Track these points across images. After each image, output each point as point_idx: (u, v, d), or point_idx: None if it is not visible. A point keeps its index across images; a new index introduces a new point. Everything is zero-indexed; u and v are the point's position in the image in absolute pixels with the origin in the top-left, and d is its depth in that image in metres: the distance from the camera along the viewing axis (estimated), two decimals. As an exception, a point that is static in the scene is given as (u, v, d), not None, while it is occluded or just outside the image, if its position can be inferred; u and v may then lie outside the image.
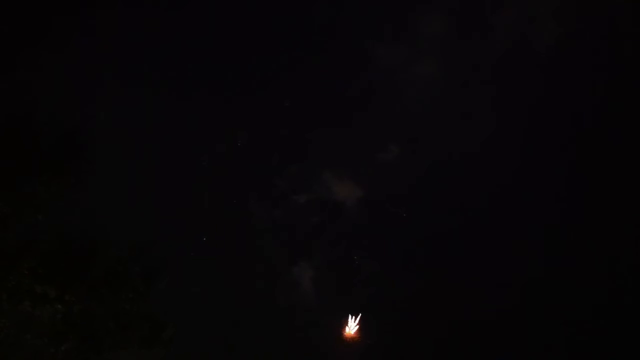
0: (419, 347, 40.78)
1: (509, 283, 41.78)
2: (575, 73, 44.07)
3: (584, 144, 44.25)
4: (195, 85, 41.32)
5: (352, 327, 43.91)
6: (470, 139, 43.88)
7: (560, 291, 41.76)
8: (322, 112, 44.56)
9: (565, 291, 41.62)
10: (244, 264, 41.32)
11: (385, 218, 46.43)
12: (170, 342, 17.72)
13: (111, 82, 32.49)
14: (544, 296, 42.05)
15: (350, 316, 44.27)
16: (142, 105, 36.38)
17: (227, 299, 38.42)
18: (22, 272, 15.32)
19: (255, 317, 39.18)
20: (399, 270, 44.15)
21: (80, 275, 15.99)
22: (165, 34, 39.11)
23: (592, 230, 42.09)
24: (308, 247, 45.14)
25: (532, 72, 45.43)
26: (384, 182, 46.24)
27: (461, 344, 40.85)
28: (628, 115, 43.14)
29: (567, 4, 43.01)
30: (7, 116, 18.64)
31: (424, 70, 45.13)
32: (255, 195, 44.01)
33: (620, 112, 43.43)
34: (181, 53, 40.76)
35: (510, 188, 44.05)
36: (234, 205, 43.13)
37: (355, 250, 45.85)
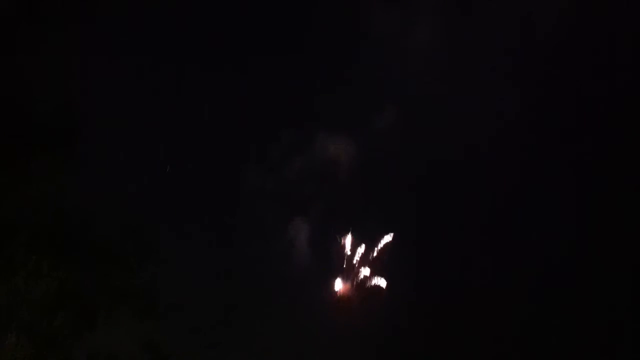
0: (418, 346, 40.51)
1: (509, 283, 41.53)
2: (575, 73, 44.11)
3: (584, 144, 44.22)
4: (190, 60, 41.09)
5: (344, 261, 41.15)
6: (468, 139, 43.81)
7: (560, 291, 41.57)
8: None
9: (565, 291, 41.43)
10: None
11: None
12: (164, 315, 17.48)
13: (106, 65, 32.44)
14: (545, 297, 41.86)
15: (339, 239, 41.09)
16: (138, 88, 36.25)
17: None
18: (16, 245, 15.09)
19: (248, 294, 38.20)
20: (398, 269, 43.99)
21: (73, 251, 15.75)
22: (165, 29, 39.26)
23: (593, 230, 41.97)
24: (304, 212, 43.91)
25: (532, 71, 45.45)
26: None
27: (461, 344, 40.59)
28: (628, 115, 43.12)
29: (567, 3, 43.08)
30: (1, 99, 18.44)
31: (420, 70, 45.00)
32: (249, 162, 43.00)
33: (621, 112, 43.40)
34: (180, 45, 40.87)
35: (509, 187, 43.96)
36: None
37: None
